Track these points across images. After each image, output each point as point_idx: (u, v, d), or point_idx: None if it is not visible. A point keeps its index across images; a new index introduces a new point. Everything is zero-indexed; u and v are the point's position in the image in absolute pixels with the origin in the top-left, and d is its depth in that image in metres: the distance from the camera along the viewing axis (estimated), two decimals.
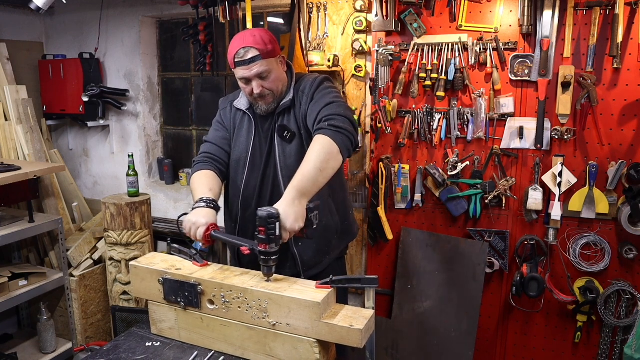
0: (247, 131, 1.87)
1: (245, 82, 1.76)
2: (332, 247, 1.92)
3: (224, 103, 1.99)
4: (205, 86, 3.51)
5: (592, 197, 2.30)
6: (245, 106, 1.88)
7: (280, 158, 1.80)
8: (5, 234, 2.69)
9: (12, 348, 3.15)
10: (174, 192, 3.50)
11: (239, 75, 1.75)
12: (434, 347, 2.62)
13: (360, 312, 1.41)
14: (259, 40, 1.72)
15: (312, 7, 2.66)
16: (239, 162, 1.88)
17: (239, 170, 1.88)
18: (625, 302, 2.34)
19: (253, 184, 1.85)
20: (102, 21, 3.45)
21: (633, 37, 2.16)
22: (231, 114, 1.93)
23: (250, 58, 1.70)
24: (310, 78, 1.86)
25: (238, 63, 1.73)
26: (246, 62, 1.71)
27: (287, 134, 1.80)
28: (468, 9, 2.41)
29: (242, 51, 1.71)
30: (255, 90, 1.74)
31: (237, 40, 1.76)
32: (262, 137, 1.85)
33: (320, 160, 1.55)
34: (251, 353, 1.48)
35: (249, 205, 1.87)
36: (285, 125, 1.80)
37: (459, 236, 2.61)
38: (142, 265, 1.61)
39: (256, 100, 1.79)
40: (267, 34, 1.77)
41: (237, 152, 1.89)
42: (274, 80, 1.76)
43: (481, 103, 2.42)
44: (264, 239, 1.43)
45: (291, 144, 1.80)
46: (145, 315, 1.67)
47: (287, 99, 1.81)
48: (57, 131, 3.86)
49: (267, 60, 1.73)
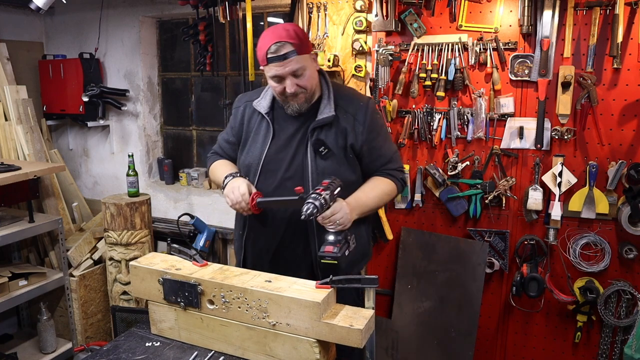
0: (264, 137, 1.76)
1: (278, 80, 1.64)
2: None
3: (239, 101, 1.89)
4: (205, 86, 3.51)
5: (592, 197, 2.30)
6: (266, 110, 1.77)
7: (312, 174, 1.69)
8: (5, 234, 2.69)
9: (12, 348, 3.15)
10: (174, 192, 3.50)
11: (272, 73, 1.63)
12: (434, 347, 2.62)
13: (360, 312, 1.41)
14: (292, 35, 1.60)
15: (312, 7, 2.66)
16: (249, 168, 1.78)
17: (249, 177, 1.78)
18: (625, 302, 2.34)
19: (265, 193, 1.74)
20: (102, 21, 3.45)
21: (633, 37, 2.16)
22: (245, 115, 1.83)
23: (285, 54, 1.58)
24: (357, 98, 1.78)
25: (271, 59, 1.60)
26: (280, 57, 1.58)
27: (324, 151, 1.69)
28: (468, 9, 2.41)
29: (275, 46, 1.58)
30: (288, 89, 1.63)
31: (268, 35, 1.62)
32: (283, 145, 1.74)
33: (383, 199, 1.78)
34: (251, 353, 1.48)
35: (257, 217, 1.77)
36: (322, 141, 1.70)
37: (459, 236, 2.61)
38: (142, 265, 1.61)
39: (287, 100, 1.68)
40: (300, 28, 1.68)
41: (248, 157, 1.79)
42: (308, 78, 1.65)
43: (481, 103, 2.42)
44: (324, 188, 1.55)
45: (325, 161, 1.70)
46: (145, 315, 1.67)
47: (327, 114, 1.70)
48: (57, 131, 3.86)
49: (302, 57, 1.62)
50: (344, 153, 1.72)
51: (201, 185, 3.48)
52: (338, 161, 1.72)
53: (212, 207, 3.30)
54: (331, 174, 1.66)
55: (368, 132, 1.74)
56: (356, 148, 1.73)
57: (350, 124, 1.73)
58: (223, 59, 3.32)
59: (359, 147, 1.73)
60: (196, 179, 3.48)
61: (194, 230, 3.14)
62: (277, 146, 1.74)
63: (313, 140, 1.70)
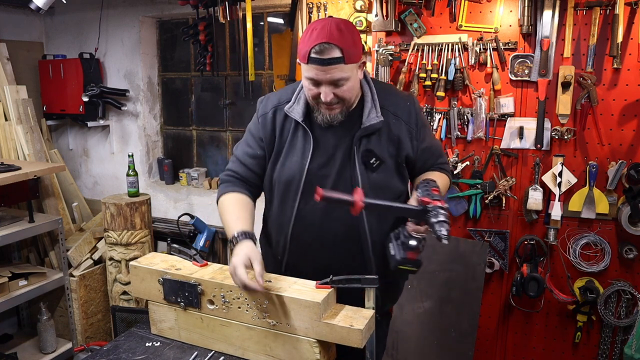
0: (302, 149, 1.53)
1: (314, 84, 1.44)
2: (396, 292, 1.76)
3: (266, 106, 1.60)
4: (205, 86, 3.52)
5: (592, 197, 2.30)
6: (301, 116, 1.52)
7: (364, 189, 1.42)
8: (5, 234, 2.69)
9: (12, 348, 3.15)
10: (174, 192, 3.50)
11: (309, 75, 1.42)
12: (434, 347, 2.62)
13: (360, 312, 1.41)
14: (346, 39, 1.38)
15: (312, 7, 2.65)
16: (289, 186, 1.55)
17: (288, 195, 1.56)
18: (625, 302, 2.34)
19: (310, 215, 1.54)
20: (102, 21, 3.45)
21: (633, 37, 2.16)
22: (277, 122, 1.57)
23: (330, 59, 1.37)
24: (401, 97, 1.60)
25: (313, 60, 1.38)
26: (324, 62, 1.37)
27: (376, 162, 1.51)
28: (468, 9, 2.41)
29: (320, 46, 1.36)
30: (324, 98, 1.42)
31: (317, 30, 1.39)
32: (327, 158, 1.53)
33: (444, 187, 1.60)
34: (251, 353, 1.48)
35: (301, 239, 1.57)
36: (372, 151, 1.51)
37: (459, 236, 2.60)
38: (142, 265, 1.61)
39: (320, 107, 1.48)
40: (357, 31, 1.46)
41: (286, 173, 1.55)
42: (348, 89, 1.44)
43: (481, 103, 2.42)
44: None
45: (377, 173, 1.52)
46: (145, 315, 1.67)
47: (374, 120, 1.50)
48: (57, 131, 3.86)
49: (349, 66, 1.40)
50: (394, 162, 1.55)
51: (201, 185, 3.48)
52: (390, 171, 1.55)
53: (212, 207, 3.30)
54: (384, 187, 1.52)
55: (420, 135, 1.58)
56: (411, 157, 1.57)
57: (404, 132, 1.54)
58: (223, 59, 3.32)
59: (414, 155, 1.58)
60: (196, 179, 3.48)
61: (194, 230, 3.14)
62: (320, 159, 1.52)
63: (362, 151, 1.51)
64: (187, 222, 3.05)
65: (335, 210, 1.52)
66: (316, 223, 1.55)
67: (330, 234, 1.55)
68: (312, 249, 1.58)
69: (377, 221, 1.54)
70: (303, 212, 1.54)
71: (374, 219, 1.53)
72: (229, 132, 3.47)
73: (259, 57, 3.19)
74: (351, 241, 1.55)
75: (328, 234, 1.55)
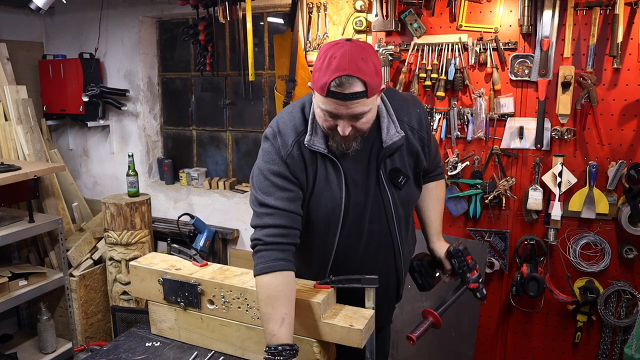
0: (337, 179, 1.43)
1: (331, 116, 1.31)
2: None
3: (286, 143, 1.41)
4: (205, 86, 3.51)
5: (592, 197, 2.30)
6: (324, 147, 1.40)
7: (395, 209, 1.48)
8: (5, 234, 2.69)
9: (12, 348, 3.15)
10: (174, 192, 3.50)
11: (327, 108, 1.29)
12: (434, 347, 2.62)
13: (360, 312, 1.41)
14: (370, 72, 1.26)
15: (312, 7, 2.65)
16: (329, 219, 1.47)
17: (330, 227, 1.48)
18: (625, 302, 2.34)
19: (352, 246, 1.51)
20: (102, 21, 3.45)
21: (633, 37, 2.16)
22: (304, 158, 1.42)
23: (353, 93, 1.24)
24: (412, 106, 1.52)
25: (333, 94, 1.25)
26: (346, 97, 1.25)
27: (403, 179, 1.47)
28: (468, 9, 2.41)
29: (343, 80, 1.23)
30: (341, 132, 1.31)
31: (337, 60, 1.25)
32: (357, 186, 1.46)
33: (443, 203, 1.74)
34: (251, 353, 1.48)
35: (343, 267, 1.52)
36: (399, 170, 1.46)
37: (459, 236, 2.60)
38: (142, 265, 1.61)
39: (335, 136, 1.36)
40: (376, 56, 1.33)
41: (322, 208, 1.45)
42: (367, 121, 1.33)
43: (481, 103, 2.42)
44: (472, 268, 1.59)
45: (402, 190, 1.49)
46: (145, 315, 1.67)
47: (396, 136, 1.42)
48: (57, 131, 3.86)
49: (371, 99, 1.29)
50: (414, 173, 1.52)
51: (201, 185, 3.48)
52: (413, 184, 1.53)
53: (212, 207, 3.30)
54: (409, 201, 1.53)
55: (430, 142, 1.55)
56: (425, 167, 1.55)
57: (419, 142, 1.50)
58: (223, 59, 3.32)
59: (427, 164, 1.56)
60: (196, 179, 3.48)
61: (194, 230, 3.14)
62: (353, 188, 1.45)
63: (389, 172, 1.46)
64: (187, 222, 3.04)
65: (373, 234, 1.52)
66: (359, 252, 1.53)
67: (371, 260, 1.55)
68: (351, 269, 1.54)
69: (404, 230, 1.59)
70: (344, 244, 1.51)
71: (402, 229, 1.57)
72: (229, 132, 3.47)
73: (259, 57, 3.19)
74: (386, 259, 1.58)
75: (369, 262, 1.55)
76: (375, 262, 1.55)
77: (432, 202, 1.68)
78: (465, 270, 1.56)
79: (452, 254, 1.57)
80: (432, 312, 1.54)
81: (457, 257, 1.56)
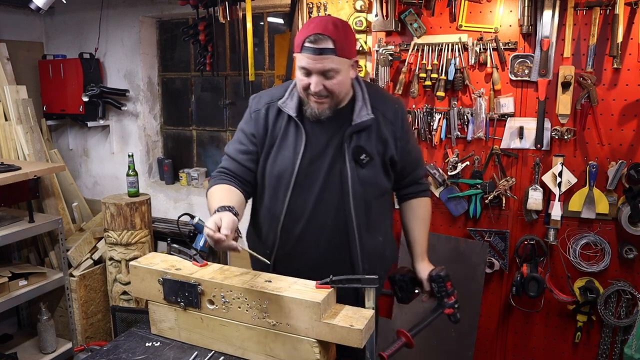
0: (294, 144, 1.58)
1: (305, 73, 1.49)
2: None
3: (259, 103, 1.64)
4: (205, 86, 3.52)
5: (592, 197, 2.30)
6: (294, 111, 1.57)
7: (354, 185, 1.56)
8: (5, 234, 2.69)
9: (12, 348, 3.15)
10: (174, 192, 3.50)
11: (301, 64, 1.48)
12: (434, 347, 2.62)
13: (360, 312, 1.41)
14: (340, 33, 1.45)
15: (312, 7, 2.65)
16: (280, 179, 1.59)
17: (279, 189, 1.60)
18: (625, 302, 2.34)
19: (301, 208, 1.60)
20: (102, 21, 3.45)
21: (633, 37, 2.16)
22: (270, 118, 1.61)
23: (322, 48, 1.43)
24: (390, 100, 1.67)
25: (306, 49, 1.45)
26: (316, 51, 1.44)
27: (366, 158, 1.57)
28: (468, 9, 2.41)
29: (315, 37, 1.43)
30: (313, 88, 1.48)
31: (314, 23, 1.47)
32: (318, 153, 1.58)
33: (429, 223, 1.78)
34: (251, 353, 1.48)
35: (292, 232, 1.63)
36: (362, 147, 1.57)
37: (459, 236, 2.61)
38: (142, 265, 1.61)
39: (309, 99, 1.53)
40: (351, 30, 1.54)
41: (278, 166, 1.60)
42: (338, 82, 1.49)
43: (481, 103, 2.42)
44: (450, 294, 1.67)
45: (365, 169, 1.58)
46: (145, 315, 1.67)
47: (365, 117, 1.56)
48: (57, 131, 3.86)
49: (340, 59, 1.46)
50: (382, 160, 1.61)
51: (201, 185, 3.48)
52: (377, 168, 1.61)
53: None
54: (372, 183, 1.60)
55: (404, 138, 1.65)
56: (395, 158, 1.64)
57: (391, 133, 1.61)
58: (223, 59, 3.32)
59: (397, 157, 1.65)
60: (196, 179, 3.48)
61: (194, 230, 3.13)
62: (311, 154, 1.57)
63: (352, 147, 1.57)
64: (187, 222, 3.03)
65: (324, 202, 1.58)
66: (306, 216, 1.60)
67: (319, 226, 1.60)
68: (301, 242, 1.63)
69: (364, 214, 1.61)
70: (294, 205, 1.60)
71: (361, 211, 1.60)
72: (229, 132, 3.47)
73: (259, 57, 3.19)
74: (339, 234, 1.61)
75: (317, 226, 1.60)
76: (323, 232, 1.60)
77: (417, 222, 1.76)
78: (443, 295, 1.65)
79: (434, 278, 1.65)
80: (405, 333, 1.60)
81: (438, 282, 1.65)
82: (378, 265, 1.69)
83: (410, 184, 1.75)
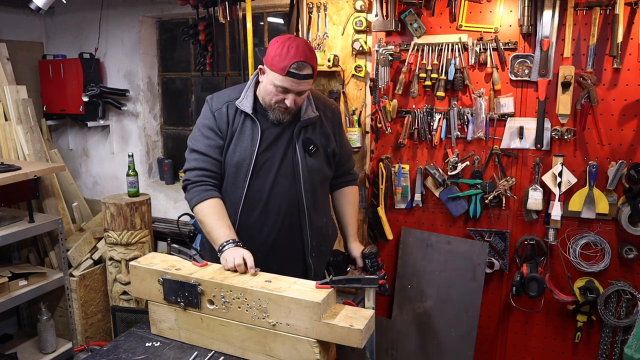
0: (251, 137, 1.79)
1: (282, 91, 1.70)
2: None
3: (218, 103, 1.84)
4: (205, 86, 3.51)
5: (592, 197, 2.30)
6: (250, 109, 1.80)
7: (303, 171, 1.81)
8: (5, 234, 2.69)
9: (12, 348, 3.15)
10: (174, 192, 3.50)
11: (283, 85, 1.68)
12: (434, 347, 2.62)
13: (360, 312, 1.41)
14: (314, 58, 1.71)
15: (312, 7, 2.65)
16: (239, 168, 1.79)
17: (238, 176, 1.80)
18: (625, 302, 2.34)
19: (259, 191, 1.80)
20: (102, 21, 3.45)
21: (633, 37, 2.16)
22: (229, 115, 1.82)
23: (305, 74, 1.67)
24: (328, 102, 1.97)
25: (291, 74, 1.66)
26: (300, 76, 1.67)
27: (313, 149, 1.83)
28: (468, 9, 2.41)
29: (299, 64, 1.65)
30: (289, 104, 1.71)
31: (294, 49, 1.66)
32: (271, 144, 1.80)
33: (358, 207, 2.09)
34: (251, 353, 1.48)
35: (250, 214, 1.81)
36: (311, 139, 1.83)
37: (459, 236, 2.61)
38: (142, 265, 1.61)
39: (278, 110, 1.76)
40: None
41: (237, 156, 1.79)
42: (304, 98, 1.78)
43: (481, 103, 2.42)
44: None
45: (312, 158, 1.83)
46: (145, 315, 1.67)
47: (311, 114, 1.82)
48: (57, 131, 3.86)
49: (312, 81, 1.74)
50: (325, 151, 1.88)
51: None
52: (322, 158, 1.87)
53: None
54: (318, 171, 1.85)
55: (340, 134, 1.96)
56: (336, 150, 1.92)
57: (331, 129, 1.90)
58: (223, 59, 3.32)
59: (337, 150, 1.93)
60: None
61: (194, 230, 3.14)
62: (266, 145, 1.80)
63: (303, 139, 1.82)
64: (187, 222, 3.04)
65: (279, 186, 1.80)
66: (263, 200, 1.80)
67: (275, 209, 1.81)
68: (258, 224, 1.82)
69: (312, 197, 1.84)
70: (252, 191, 1.79)
71: (310, 195, 1.83)
72: None
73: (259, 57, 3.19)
74: (290, 216, 1.83)
75: (273, 210, 1.81)
76: (277, 214, 1.81)
77: (348, 206, 2.03)
78: (375, 269, 1.88)
79: (367, 255, 1.88)
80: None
81: (370, 258, 1.87)
82: (323, 243, 1.93)
83: (344, 173, 2.02)
